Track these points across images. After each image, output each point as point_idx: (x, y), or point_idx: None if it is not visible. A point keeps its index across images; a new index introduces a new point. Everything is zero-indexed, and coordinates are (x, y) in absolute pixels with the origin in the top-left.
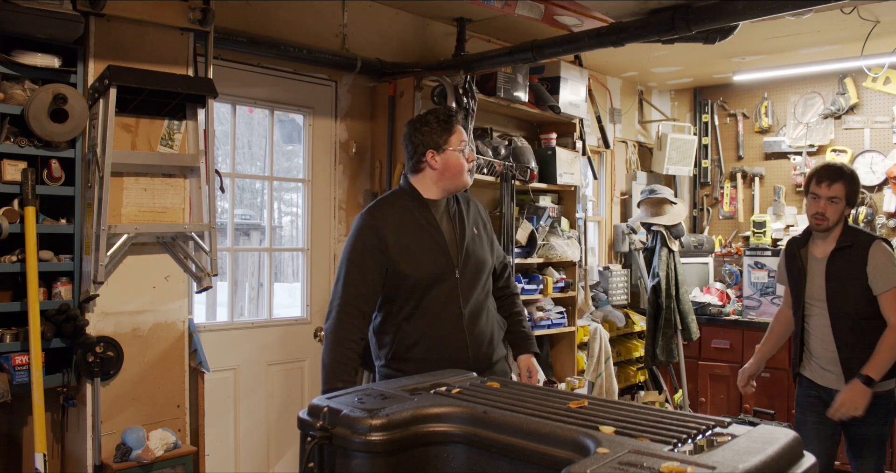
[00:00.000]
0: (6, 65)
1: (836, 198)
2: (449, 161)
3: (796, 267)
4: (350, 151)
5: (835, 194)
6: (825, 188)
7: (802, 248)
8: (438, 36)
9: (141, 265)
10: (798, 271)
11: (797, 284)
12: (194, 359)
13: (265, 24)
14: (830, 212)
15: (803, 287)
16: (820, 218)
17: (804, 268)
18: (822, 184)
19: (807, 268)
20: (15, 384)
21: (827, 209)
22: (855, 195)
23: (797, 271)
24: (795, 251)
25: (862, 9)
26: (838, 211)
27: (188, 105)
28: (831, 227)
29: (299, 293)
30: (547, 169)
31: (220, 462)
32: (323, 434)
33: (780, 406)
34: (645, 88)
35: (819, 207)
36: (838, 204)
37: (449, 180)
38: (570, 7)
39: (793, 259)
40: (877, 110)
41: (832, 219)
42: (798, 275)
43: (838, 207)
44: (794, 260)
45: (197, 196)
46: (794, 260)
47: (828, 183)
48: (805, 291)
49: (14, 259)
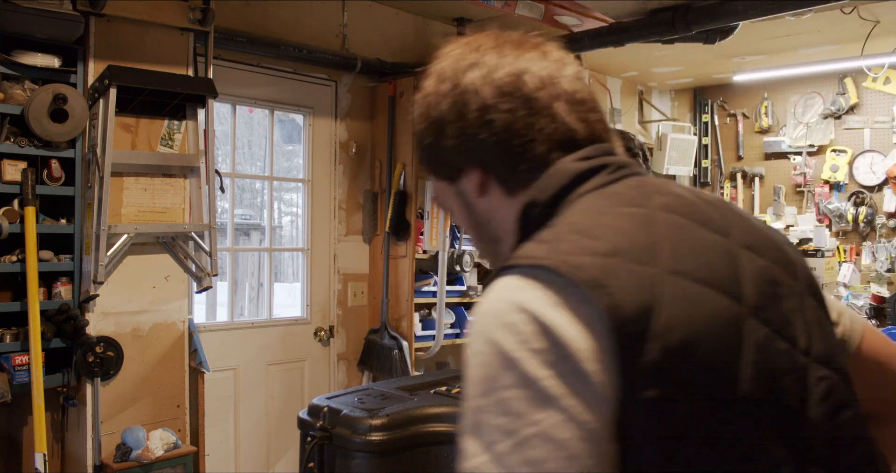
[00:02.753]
0: (6, 65)
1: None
2: None
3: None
4: (350, 151)
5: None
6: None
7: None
8: (438, 36)
9: (141, 265)
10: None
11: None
12: (194, 359)
13: (265, 24)
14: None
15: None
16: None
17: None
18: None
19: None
20: (15, 384)
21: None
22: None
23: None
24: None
25: (862, 9)
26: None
27: (188, 105)
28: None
29: (299, 293)
30: None
31: (220, 462)
32: (323, 433)
33: None
34: (645, 88)
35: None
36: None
37: None
38: (570, 7)
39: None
40: (877, 110)
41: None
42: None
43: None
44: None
45: (197, 196)
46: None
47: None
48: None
49: (14, 259)
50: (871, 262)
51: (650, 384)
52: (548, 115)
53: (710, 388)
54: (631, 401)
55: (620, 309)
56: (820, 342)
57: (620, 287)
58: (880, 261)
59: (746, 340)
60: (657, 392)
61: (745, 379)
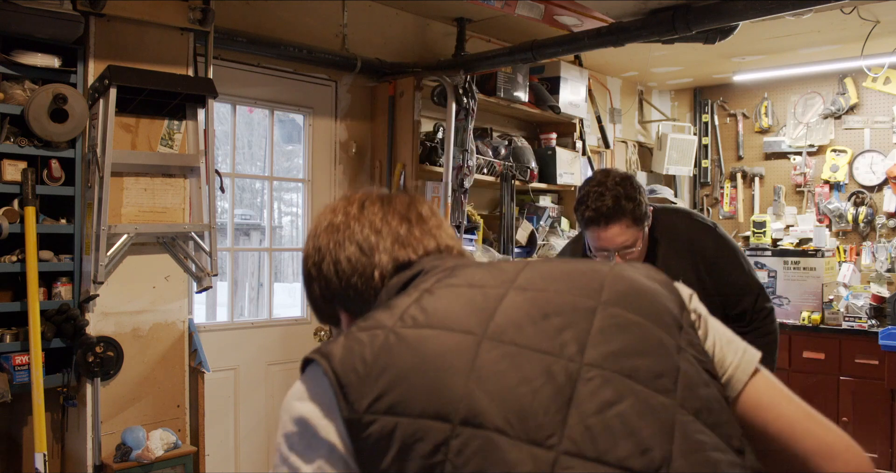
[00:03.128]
0: (6, 65)
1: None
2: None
3: None
4: (350, 151)
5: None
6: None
7: None
8: (438, 36)
9: (141, 265)
10: None
11: None
12: (194, 359)
13: (265, 24)
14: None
15: None
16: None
17: None
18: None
19: None
20: (15, 384)
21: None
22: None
23: None
24: None
25: (862, 9)
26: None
27: (188, 105)
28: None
29: (299, 293)
30: (547, 169)
31: (220, 462)
32: None
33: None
34: (645, 88)
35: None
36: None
37: None
38: (570, 7)
39: None
40: (877, 110)
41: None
42: None
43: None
44: None
45: (197, 196)
46: None
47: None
48: None
49: (14, 259)
50: (871, 262)
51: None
52: (362, 291)
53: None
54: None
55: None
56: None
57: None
58: (880, 261)
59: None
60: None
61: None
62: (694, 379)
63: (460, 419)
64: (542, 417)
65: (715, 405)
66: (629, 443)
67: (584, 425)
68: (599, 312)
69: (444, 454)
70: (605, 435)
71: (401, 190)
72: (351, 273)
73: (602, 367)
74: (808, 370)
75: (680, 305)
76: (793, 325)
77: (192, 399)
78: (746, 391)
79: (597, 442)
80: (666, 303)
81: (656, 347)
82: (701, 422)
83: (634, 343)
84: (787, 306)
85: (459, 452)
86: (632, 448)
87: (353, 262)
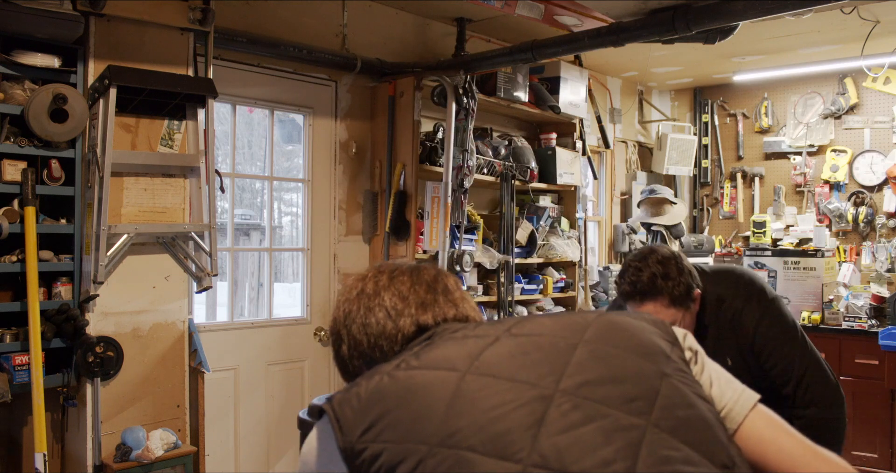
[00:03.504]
0: (6, 65)
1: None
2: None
3: None
4: (350, 151)
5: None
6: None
7: None
8: (438, 36)
9: (141, 265)
10: None
11: None
12: (194, 359)
13: (265, 24)
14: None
15: None
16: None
17: None
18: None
19: None
20: (15, 384)
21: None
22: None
23: None
24: None
25: (862, 9)
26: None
27: (188, 105)
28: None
29: (299, 293)
30: (547, 169)
31: (220, 462)
32: None
33: None
34: (645, 88)
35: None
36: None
37: None
38: (570, 7)
39: None
40: (877, 110)
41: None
42: None
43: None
44: None
45: (197, 196)
46: None
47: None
48: None
49: (14, 259)
50: (871, 262)
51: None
52: (387, 352)
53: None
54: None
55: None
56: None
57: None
58: (880, 261)
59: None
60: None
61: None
62: (674, 401)
63: (437, 441)
64: (513, 435)
65: (697, 423)
66: (594, 457)
67: (551, 442)
68: (580, 348)
69: (422, 470)
70: (572, 450)
71: (427, 265)
72: (378, 335)
73: (575, 394)
74: None
75: (670, 341)
76: None
77: (192, 399)
78: (745, 425)
79: (562, 456)
80: (650, 337)
81: (634, 374)
82: (677, 439)
83: (611, 372)
84: (787, 306)
85: (434, 469)
86: (596, 461)
87: (381, 326)
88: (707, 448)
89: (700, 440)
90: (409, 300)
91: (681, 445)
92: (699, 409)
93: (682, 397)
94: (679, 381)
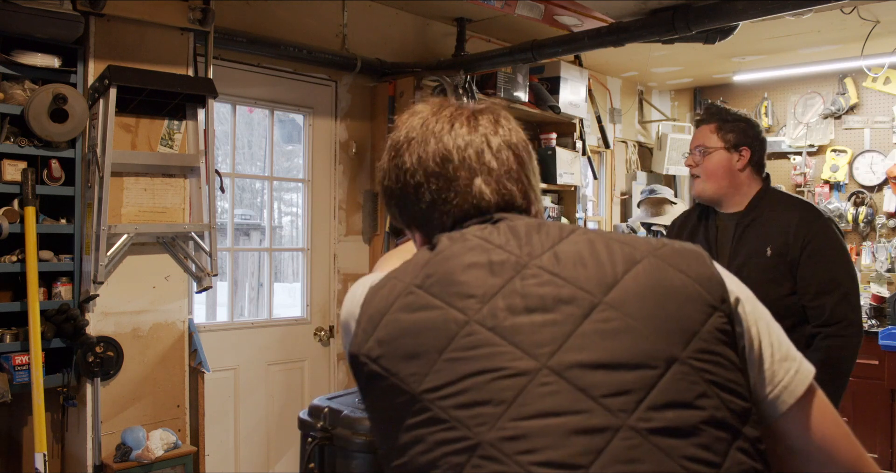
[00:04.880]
0: (6, 65)
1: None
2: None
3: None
4: (350, 151)
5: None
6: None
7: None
8: (438, 36)
9: (141, 265)
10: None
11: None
12: (194, 359)
13: (265, 24)
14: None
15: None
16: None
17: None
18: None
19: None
20: (15, 384)
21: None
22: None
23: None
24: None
25: (862, 9)
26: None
27: (188, 105)
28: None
29: (299, 293)
30: (547, 169)
31: (220, 462)
32: (324, 434)
33: None
34: (645, 88)
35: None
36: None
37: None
38: (570, 7)
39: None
40: (877, 110)
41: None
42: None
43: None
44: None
45: (197, 196)
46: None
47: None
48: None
49: (14, 259)
50: (871, 262)
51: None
52: (465, 192)
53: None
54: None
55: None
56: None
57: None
58: (880, 261)
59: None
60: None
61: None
62: (671, 398)
63: (420, 390)
64: (486, 407)
65: (683, 430)
66: (543, 455)
67: (514, 424)
68: (595, 313)
69: (402, 413)
70: (526, 441)
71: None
72: (438, 192)
73: (560, 375)
74: None
75: (710, 307)
76: None
77: (192, 399)
78: (794, 408)
79: (516, 445)
80: (684, 307)
81: (638, 359)
82: (649, 445)
83: (612, 353)
84: None
85: (415, 415)
86: (541, 459)
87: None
88: (689, 453)
89: (674, 449)
90: (498, 162)
91: (647, 457)
92: (699, 406)
93: (685, 392)
94: (695, 368)
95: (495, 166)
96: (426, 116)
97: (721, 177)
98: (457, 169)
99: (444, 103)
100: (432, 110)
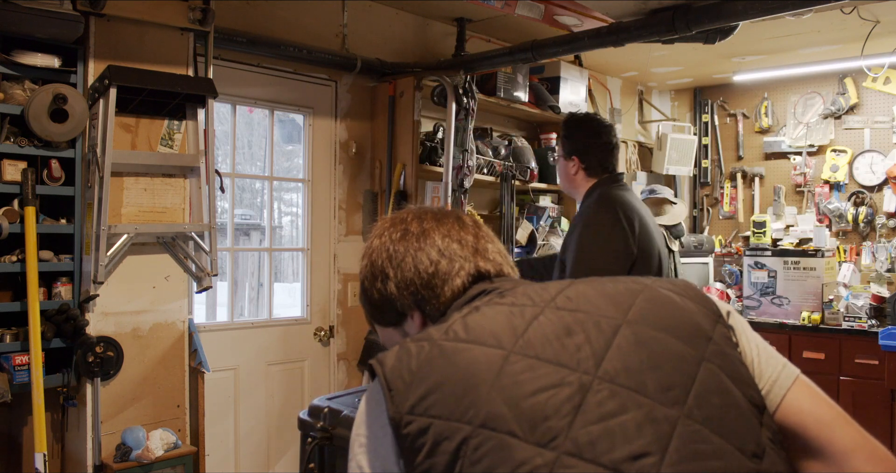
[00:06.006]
0: (6, 65)
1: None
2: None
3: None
4: (350, 151)
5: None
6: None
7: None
8: (438, 36)
9: (141, 265)
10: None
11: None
12: (194, 359)
13: (265, 24)
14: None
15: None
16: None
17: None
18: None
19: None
20: (15, 384)
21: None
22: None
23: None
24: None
25: (862, 9)
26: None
27: (188, 105)
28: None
29: (299, 293)
30: (547, 169)
31: (220, 462)
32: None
33: None
34: (645, 88)
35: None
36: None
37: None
38: (570, 7)
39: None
40: (877, 110)
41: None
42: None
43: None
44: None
45: (197, 196)
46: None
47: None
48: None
49: (14, 259)
50: (871, 262)
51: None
52: (439, 293)
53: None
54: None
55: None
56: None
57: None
58: (880, 261)
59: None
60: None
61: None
62: (710, 388)
63: (479, 422)
64: (550, 422)
65: (731, 412)
66: (624, 449)
67: (586, 430)
68: (622, 330)
69: (464, 450)
70: (604, 441)
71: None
72: (434, 274)
73: (612, 382)
74: (808, 370)
75: (714, 319)
76: (793, 325)
77: (192, 399)
78: (787, 398)
79: (595, 446)
80: (694, 318)
81: (674, 360)
82: (709, 429)
83: (650, 357)
84: (786, 306)
85: (476, 449)
86: (626, 453)
87: (435, 265)
88: (738, 437)
89: (732, 428)
90: (464, 243)
91: (712, 436)
92: (734, 395)
93: (719, 383)
94: (718, 365)
95: (474, 268)
96: (389, 231)
97: (562, 179)
98: (431, 276)
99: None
100: (400, 224)
